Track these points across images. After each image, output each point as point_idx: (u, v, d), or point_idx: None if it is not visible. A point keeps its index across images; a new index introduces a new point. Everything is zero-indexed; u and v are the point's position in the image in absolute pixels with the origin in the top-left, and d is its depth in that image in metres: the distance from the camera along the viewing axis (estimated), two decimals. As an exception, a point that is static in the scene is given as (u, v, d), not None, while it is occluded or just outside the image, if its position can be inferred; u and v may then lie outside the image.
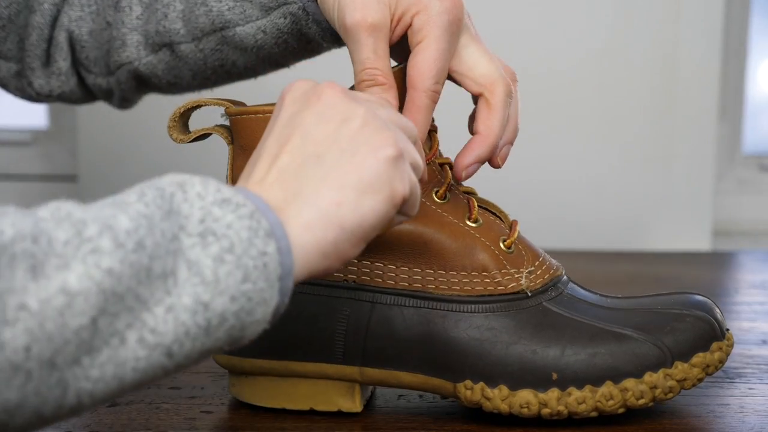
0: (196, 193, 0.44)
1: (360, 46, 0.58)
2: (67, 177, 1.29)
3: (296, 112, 0.49)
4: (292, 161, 0.48)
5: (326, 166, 0.47)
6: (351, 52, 0.58)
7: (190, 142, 0.61)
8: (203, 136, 0.61)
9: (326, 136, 0.48)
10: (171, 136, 0.60)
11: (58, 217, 0.41)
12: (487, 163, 0.61)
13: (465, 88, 0.61)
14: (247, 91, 0.77)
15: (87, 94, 0.78)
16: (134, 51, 0.73)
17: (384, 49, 0.58)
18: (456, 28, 0.59)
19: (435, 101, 0.58)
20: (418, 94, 0.58)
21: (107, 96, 0.78)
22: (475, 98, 0.61)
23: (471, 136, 0.61)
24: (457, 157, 0.60)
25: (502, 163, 0.61)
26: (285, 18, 0.66)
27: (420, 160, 0.51)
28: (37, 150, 1.32)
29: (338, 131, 0.48)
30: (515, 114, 0.62)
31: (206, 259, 0.43)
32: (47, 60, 0.76)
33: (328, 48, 0.69)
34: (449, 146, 0.63)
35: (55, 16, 0.75)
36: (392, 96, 0.58)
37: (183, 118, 0.61)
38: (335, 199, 0.47)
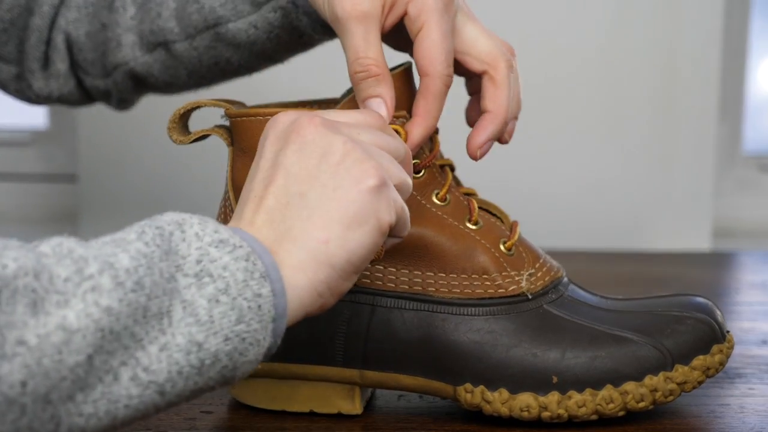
0: (194, 233, 0.45)
1: (351, 35, 0.57)
2: (67, 177, 1.29)
3: (278, 150, 0.49)
4: (278, 202, 0.48)
5: (311, 205, 0.48)
6: (343, 43, 0.58)
7: (189, 143, 0.61)
8: (203, 137, 0.61)
9: (308, 173, 0.48)
10: (171, 137, 0.60)
11: (59, 253, 0.41)
12: (489, 162, 0.61)
13: (467, 68, 0.60)
14: (248, 91, 0.77)
15: (86, 95, 0.79)
16: (130, 51, 0.73)
17: (375, 37, 0.57)
18: (451, 9, 0.58)
19: (449, 86, 0.58)
20: (433, 81, 0.57)
21: (105, 97, 0.78)
22: (472, 80, 0.61)
23: (470, 126, 0.61)
24: (470, 136, 0.60)
25: (510, 139, 0.62)
26: (275, 12, 0.66)
27: (407, 180, 0.51)
28: (37, 150, 1.32)
29: (319, 167, 0.48)
30: (517, 88, 0.62)
31: (201, 299, 0.44)
32: (46, 62, 0.76)
33: (321, 40, 0.69)
34: (450, 146, 0.63)
35: (54, 19, 0.75)
36: (386, 88, 0.57)
37: (183, 119, 0.61)
38: (322, 237, 0.47)
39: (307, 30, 0.67)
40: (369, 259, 0.49)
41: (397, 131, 0.57)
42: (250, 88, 0.78)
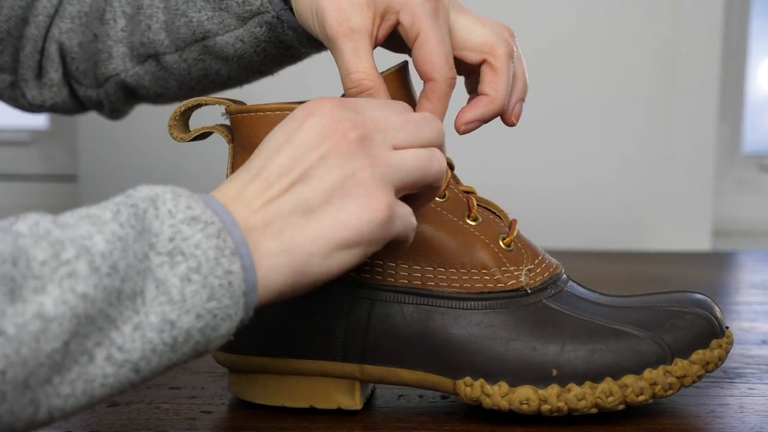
0: (167, 210, 0.46)
1: (341, 52, 0.57)
2: (67, 177, 1.29)
3: (308, 148, 0.50)
4: (282, 201, 0.49)
5: (311, 217, 0.49)
6: (336, 60, 0.58)
7: (190, 140, 0.61)
8: (204, 135, 0.61)
9: (322, 187, 0.49)
10: (171, 134, 0.60)
11: (36, 234, 0.42)
12: (480, 156, 0.61)
13: (466, 62, 0.60)
14: (248, 91, 0.77)
15: (79, 104, 0.79)
16: (121, 63, 0.73)
17: (366, 50, 0.57)
18: (443, 10, 0.58)
19: (453, 87, 0.58)
20: (438, 85, 0.57)
21: (98, 107, 0.79)
22: (471, 77, 0.61)
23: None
24: (460, 111, 0.60)
25: (517, 121, 0.62)
26: (261, 27, 0.67)
27: (439, 185, 0.53)
28: (37, 150, 1.32)
29: (334, 185, 0.49)
30: (522, 70, 0.62)
31: (174, 278, 0.45)
32: (40, 72, 0.77)
33: (308, 53, 0.69)
34: (449, 147, 0.63)
35: (48, 29, 0.76)
36: (382, 98, 0.57)
37: (183, 117, 0.61)
38: (308, 249, 0.48)
39: (293, 43, 0.67)
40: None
41: None
42: (250, 88, 0.78)
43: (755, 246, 1.28)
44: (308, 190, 0.49)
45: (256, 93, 0.78)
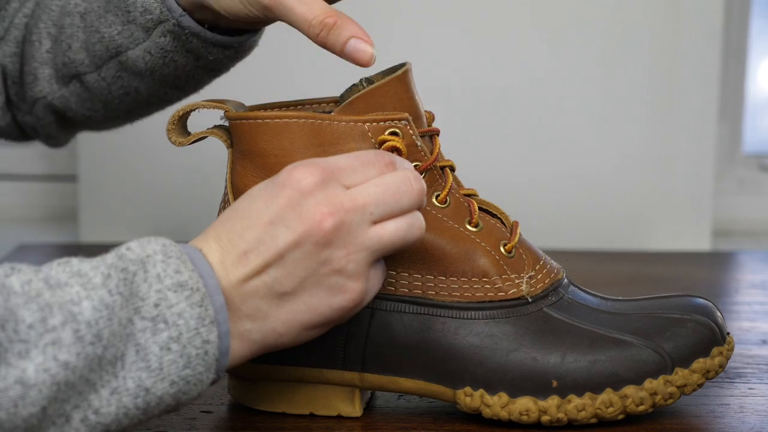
0: (156, 274, 0.47)
1: (289, 8, 0.57)
2: (67, 177, 1.29)
3: (287, 232, 0.50)
4: (260, 285, 0.50)
5: (284, 301, 0.51)
6: (287, 19, 0.58)
7: (189, 144, 0.61)
8: (202, 139, 0.61)
9: (299, 273, 0.51)
10: (170, 139, 0.60)
11: (28, 294, 0.43)
12: (481, 157, 0.60)
13: None
14: (248, 91, 0.77)
15: (22, 132, 0.79)
16: (47, 85, 0.73)
17: None
18: None
19: (329, 26, 0.57)
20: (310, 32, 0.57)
21: (35, 133, 0.78)
22: None
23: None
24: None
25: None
26: (165, 36, 0.67)
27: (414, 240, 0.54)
28: (37, 150, 1.32)
29: (310, 271, 0.51)
30: None
31: (154, 346, 0.46)
32: None
33: (222, 63, 0.69)
34: (449, 147, 0.63)
35: None
36: (351, 26, 0.56)
37: (182, 120, 0.61)
38: (279, 330, 0.51)
39: (200, 50, 0.67)
40: None
41: (395, 132, 0.57)
42: (250, 88, 0.78)
43: (755, 246, 1.28)
44: (282, 273, 0.50)
45: (255, 93, 0.78)
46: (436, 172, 0.60)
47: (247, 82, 0.76)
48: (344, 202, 0.51)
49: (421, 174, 0.59)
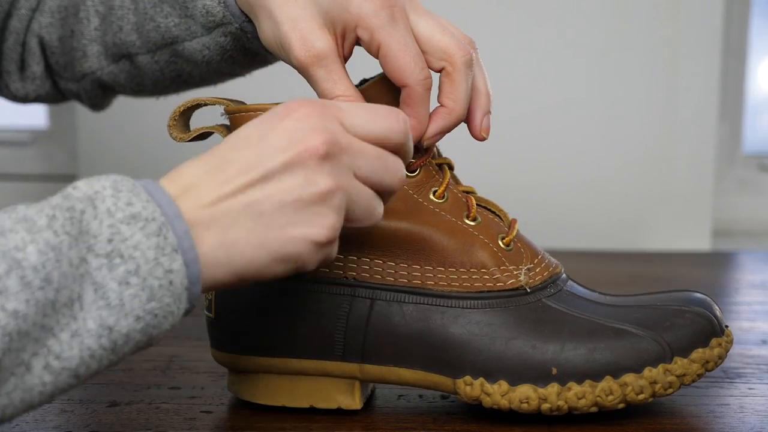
0: (106, 209, 0.45)
1: (315, 81, 0.58)
2: (67, 177, 1.29)
3: (277, 151, 0.49)
4: (237, 203, 0.48)
5: (260, 222, 0.48)
6: (312, 86, 0.59)
7: (190, 140, 0.61)
8: (203, 135, 0.61)
9: (279, 195, 0.48)
10: (171, 135, 0.60)
11: None
12: (480, 156, 0.61)
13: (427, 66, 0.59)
14: (248, 91, 0.77)
15: (62, 96, 0.80)
16: (96, 61, 0.73)
17: (338, 72, 0.58)
18: (399, 13, 0.58)
19: (429, 87, 0.57)
20: (412, 90, 0.57)
21: (78, 99, 0.79)
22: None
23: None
24: None
25: (486, 135, 0.61)
26: (226, 36, 0.67)
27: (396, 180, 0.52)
28: (37, 150, 1.32)
29: (291, 194, 0.48)
30: (483, 82, 0.60)
31: (112, 282, 0.44)
32: (22, 64, 0.77)
33: (278, 59, 0.69)
34: (449, 147, 0.63)
35: (29, 22, 0.76)
36: None
37: (183, 116, 0.61)
38: (248, 256, 0.48)
39: (260, 51, 0.67)
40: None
41: None
42: (250, 88, 0.78)
43: (755, 246, 1.28)
44: (264, 194, 0.48)
45: (255, 93, 0.78)
46: (432, 168, 0.60)
47: (247, 81, 0.76)
48: (341, 140, 0.50)
49: (416, 170, 0.60)
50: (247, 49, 0.67)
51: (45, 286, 0.42)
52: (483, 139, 0.61)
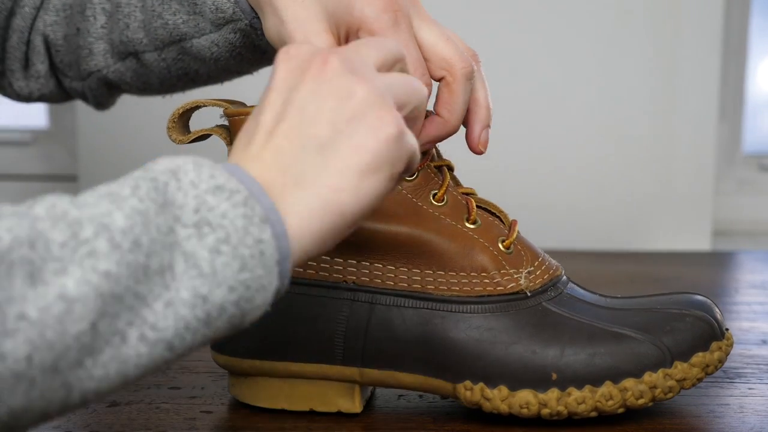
0: (190, 181, 0.44)
1: None
2: (67, 177, 1.29)
3: (291, 87, 0.48)
4: (290, 144, 0.46)
5: (326, 151, 0.46)
6: None
7: (189, 143, 0.61)
8: (203, 137, 0.61)
9: (324, 117, 0.47)
10: (170, 137, 0.60)
11: (53, 215, 0.40)
12: (480, 157, 0.61)
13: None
14: (248, 91, 0.77)
15: (66, 95, 0.79)
16: (102, 59, 0.73)
17: None
18: (403, 18, 0.57)
19: (429, 93, 0.57)
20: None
21: (83, 98, 0.79)
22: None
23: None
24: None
25: (484, 149, 0.60)
26: (235, 33, 0.66)
27: (422, 108, 0.50)
28: (37, 150, 1.32)
29: (336, 111, 0.47)
30: (484, 96, 0.60)
31: (202, 251, 0.43)
32: (26, 63, 0.77)
33: None
34: (449, 147, 0.63)
35: (33, 21, 0.76)
36: None
37: (182, 119, 0.61)
38: (335, 185, 0.46)
39: (269, 48, 0.67)
40: (375, 207, 0.48)
41: None
42: (251, 88, 0.78)
43: (755, 246, 1.28)
44: (310, 124, 0.47)
45: (255, 94, 0.78)
46: (431, 171, 0.60)
47: (247, 82, 0.76)
48: (342, 50, 0.49)
49: (415, 174, 0.60)
50: (256, 46, 0.67)
51: (135, 248, 0.41)
52: (480, 153, 0.60)
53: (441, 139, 0.59)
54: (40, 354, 0.38)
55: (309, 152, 0.46)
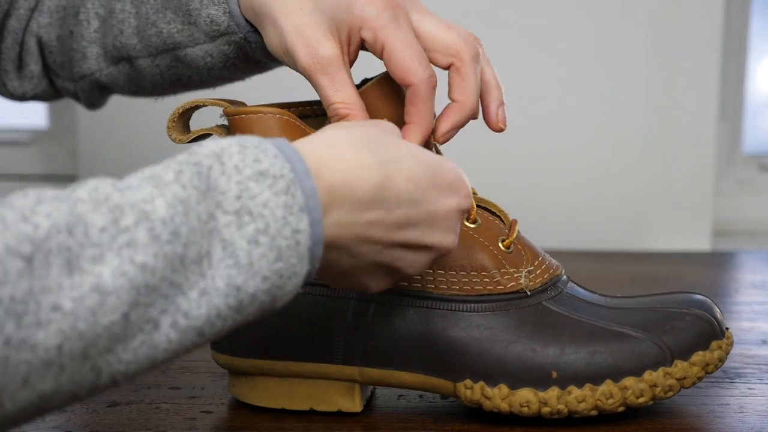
0: (234, 165, 0.45)
1: (319, 87, 0.58)
2: (67, 177, 1.29)
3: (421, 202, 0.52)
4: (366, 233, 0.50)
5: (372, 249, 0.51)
6: (316, 91, 0.59)
7: (189, 142, 0.61)
8: (203, 137, 0.61)
9: (413, 197, 0.51)
10: (170, 136, 0.60)
11: (96, 199, 0.41)
12: (480, 157, 0.61)
13: (434, 64, 0.60)
14: (249, 91, 0.77)
15: (59, 94, 0.80)
16: (95, 63, 0.74)
17: (342, 79, 0.58)
18: (402, 14, 0.58)
19: (434, 86, 0.57)
20: (417, 88, 0.57)
21: (75, 98, 0.79)
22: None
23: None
24: (436, 121, 0.59)
25: (504, 126, 0.61)
26: (229, 45, 0.67)
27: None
28: (37, 150, 1.32)
29: (424, 193, 0.52)
30: (492, 75, 0.61)
31: (241, 240, 0.44)
32: (20, 64, 0.77)
33: (277, 64, 0.69)
34: (449, 147, 0.63)
35: (28, 22, 0.76)
36: (360, 120, 0.57)
37: (182, 118, 0.61)
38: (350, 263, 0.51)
39: (262, 59, 0.67)
40: None
41: None
42: (251, 88, 0.78)
43: (755, 246, 1.28)
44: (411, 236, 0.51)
45: (255, 93, 0.78)
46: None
47: (247, 82, 0.76)
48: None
49: None
50: (250, 57, 0.68)
51: (173, 240, 0.41)
52: (501, 130, 0.61)
53: (463, 123, 0.59)
54: (70, 344, 0.39)
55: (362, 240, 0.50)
